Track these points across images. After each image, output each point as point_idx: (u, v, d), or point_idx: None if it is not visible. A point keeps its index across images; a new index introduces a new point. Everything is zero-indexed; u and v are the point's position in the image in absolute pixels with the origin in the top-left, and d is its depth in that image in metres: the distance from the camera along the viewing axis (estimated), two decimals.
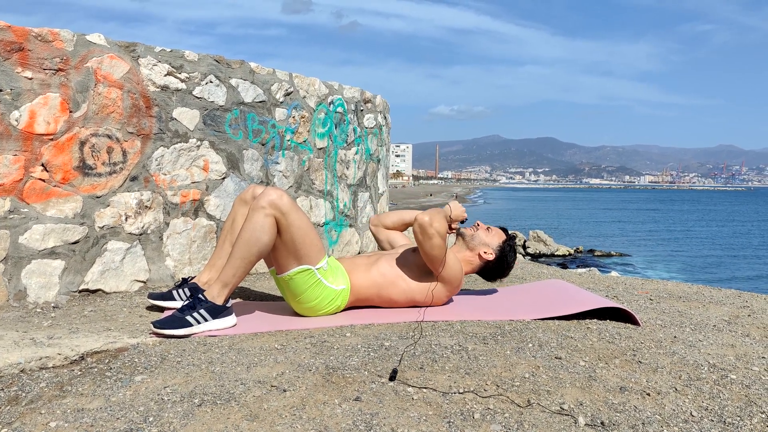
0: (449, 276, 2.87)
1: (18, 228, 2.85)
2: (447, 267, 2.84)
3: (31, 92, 2.87)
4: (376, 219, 3.37)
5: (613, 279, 4.46)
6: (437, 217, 2.77)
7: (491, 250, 3.08)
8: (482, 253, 3.07)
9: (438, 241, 2.74)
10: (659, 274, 19.35)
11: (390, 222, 3.32)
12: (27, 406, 1.70)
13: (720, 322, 2.83)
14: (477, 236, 3.11)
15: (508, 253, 3.11)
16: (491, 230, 3.15)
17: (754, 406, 1.77)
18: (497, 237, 3.12)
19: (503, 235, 3.15)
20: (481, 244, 3.09)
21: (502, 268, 3.12)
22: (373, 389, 1.83)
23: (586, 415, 1.67)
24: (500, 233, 3.15)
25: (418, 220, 2.76)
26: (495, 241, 3.10)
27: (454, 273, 2.88)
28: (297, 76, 4.22)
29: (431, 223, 2.72)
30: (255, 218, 2.54)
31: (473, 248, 3.09)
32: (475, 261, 3.10)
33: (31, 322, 2.58)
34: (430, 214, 2.77)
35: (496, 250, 3.09)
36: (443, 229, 2.77)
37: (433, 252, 2.76)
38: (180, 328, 2.42)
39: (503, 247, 3.10)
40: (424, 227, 2.73)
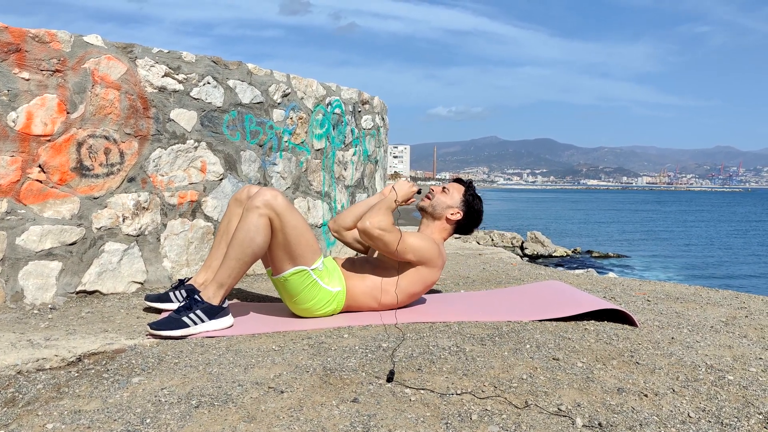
0: (423, 255, 2.84)
1: (15, 229, 2.84)
2: (414, 250, 2.80)
3: (29, 93, 2.87)
4: (334, 224, 3.17)
5: (611, 280, 4.46)
6: (376, 215, 2.74)
7: (456, 209, 3.03)
8: (449, 215, 3.02)
9: (388, 237, 2.72)
10: (656, 275, 19.37)
11: (350, 221, 3.13)
12: (24, 408, 1.70)
13: (717, 323, 2.83)
14: (437, 202, 3.04)
15: (472, 202, 3.04)
16: (447, 189, 3.08)
17: (752, 407, 1.77)
18: (457, 192, 3.06)
19: (461, 187, 3.09)
20: (445, 207, 3.03)
21: (473, 218, 3.07)
22: (371, 390, 1.83)
23: (583, 416, 1.67)
24: (458, 187, 3.09)
25: (359, 228, 2.74)
26: (456, 197, 3.04)
27: (425, 250, 2.84)
28: (295, 78, 4.22)
29: (372, 225, 2.71)
30: (249, 218, 2.53)
31: (439, 215, 3.03)
32: (446, 226, 3.05)
33: (28, 324, 2.58)
34: (369, 216, 2.74)
35: (460, 206, 3.03)
36: (387, 222, 2.74)
37: (389, 249, 2.75)
38: (176, 329, 2.42)
39: (466, 199, 3.04)
40: (367, 232, 2.72)
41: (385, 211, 2.79)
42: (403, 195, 2.93)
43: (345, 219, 3.14)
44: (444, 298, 3.36)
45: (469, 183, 3.13)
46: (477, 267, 4.83)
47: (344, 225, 3.13)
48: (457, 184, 3.12)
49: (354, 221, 3.11)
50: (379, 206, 2.81)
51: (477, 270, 4.63)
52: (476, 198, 3.07)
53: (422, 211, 3.08)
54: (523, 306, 3.01)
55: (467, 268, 4.76)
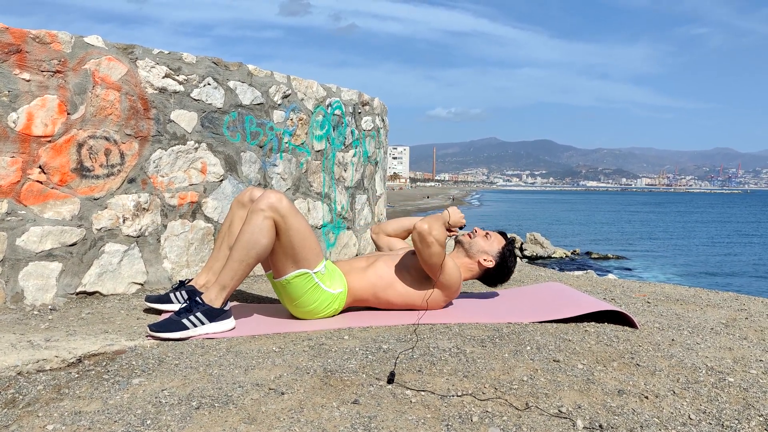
0: (448, 282, 2.86)
1: (15, 230, 2.84)
2: (445, 273, 2.82)
3: (29, 94, 2.87)
4: (377, 227, 3.35)
5: (611, 282, 4.46)
6: (436, 225, 2.76)
7: (491, 257, 3.06)
8: (482, 260, 3.06)
9: (437, 249, 2.73)
10: (656, 276, 19.37)
11: (391, 229, 3.29)
12: (24, 409, 1.69)
13: (717, 325, 2.83)
14: (475, 243, 3.08)
15: (508, 258, 3.09)
16: (490, 236, 3.12)
17: (752, 409, 1.77)
18: (496, 243, 3.10)
19: (502, 240, 3.13)
20: (480, 251, 3.07)
21: (502, 274, 3.11)
22: (372, 392, 1.83)
23: (584, 418, 1.67)
24: (499, 238, 3.13)
25: (416, 228, 2.75)
26: (494, 247, 3.08)
27: (452, 279, 2.87)
28: (295, 79, 4.22)
29: (430, 231, 2.71)
30: (254, 221, 2.53)
31: (472, 255, 3.07)
32: (474, 268, 3.08)
33: (28, 325, 2.58)
34: (428, 222, 2.75)
35: (495, 256, 3.07)
36: (442, 236, 2.76)
37: (432, 260, 2.75)
38: (176, 332, 2.41)
39: (503, 252, 3.08)
40: (423, 235, 2.72)
41: (442, 225, 2.82)
42: (454, 221, 2.94)
43: (389, 225, 3.33)
44: None
45: (511, 240, 3.18)
46: None
47: (386, 231, 3.31)
48: (500, 235, 3.16)
49: (395, 230, 3.30)
50: (438, 219, 2.84)
51: None
52: (513, 255, 3.13)
53: (458, 244, 3.13)
54: (523, 307, 3.01)
55: None
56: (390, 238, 3.30)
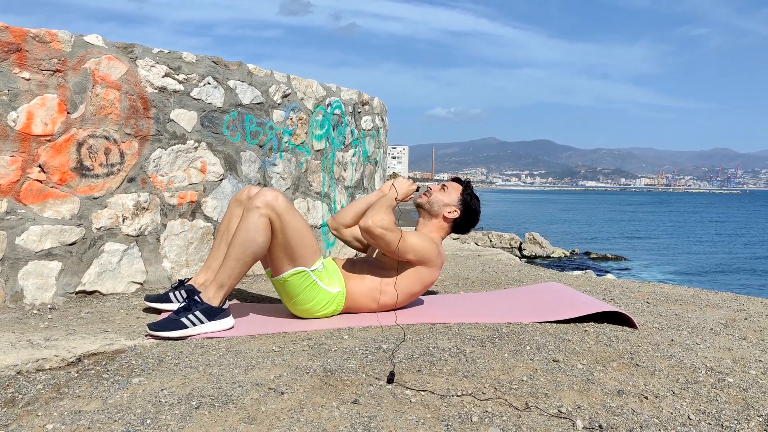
0: (422, 254, 2.83)
1: (15, 229, 2.84)
2: (414, 249, 2.80)
3: (29, 93, 2.87)
4: (333, 222, 3.16)
5: (610, 282, 4.46)
6: (378, 213, 2.74)
7: (453, 207, 3.02)
8: (446, 213, 3.01)
9: (389, 236, 2.71)
10: (655, 276, 19.38)
11: (349, 219, 3.13)
12: (24, 408, 1.69)
13: (717, 325, 2.84)
14: (434, 200, 3.03)
15: (470, 201, 3.04)
16: (445, 187, 3.07)
17: (752, 410, 1.77)
18: (454, 191, 3.05)
19: (459, 186, 3.08)
20: (442, 206, 3.01)
21: (470, 218, 3.06)
22: (371, 392, 1.83)
23: (584, 418, 1.67)
24: (455, 186, 3.08)
25: (361, 227, 2.74)
26: (454, 195, 3.03)
27: (424, 250, 2.84)
28: (295, 78, 4.22)
29: (374, 224, 2.70)
30: (250, 219, 2.53)
31: (436, 213, 3.02)
32: (443, 224, 3.04)
33: (27, 324, 2.58)
34: (370, 214, 2.73)
35: (458, 204, 3.02)
36: (388, 220, 2.74)
37: (390, 248, 2.74)
38: (175, 330, 2.41)
39: (463, 198, 3.03)
40: (369, 231, 2.71)
41: (387, 209, 2.79)
42: (403, 192, 2.93)
43: (344, 216, 3.13)
44: (444, 299, 3.36)
45: (467, 182, 3.13)
46: (476, 268, 4.83)
47: (343, 222, 3.13)
48: (455, 183, 3.11)
49: (353, 219, 3.11)
50: (380, 204, 2.81)
51: (476, 271, 4.63)
52: (474, 197, 3.07)
53: (420, 209, 3.07)
54: (522, 307, 3.01)
55: (466, 269, 4.77)
56: (352, 229, 3.16)
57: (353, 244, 3.18)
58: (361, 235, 2.88)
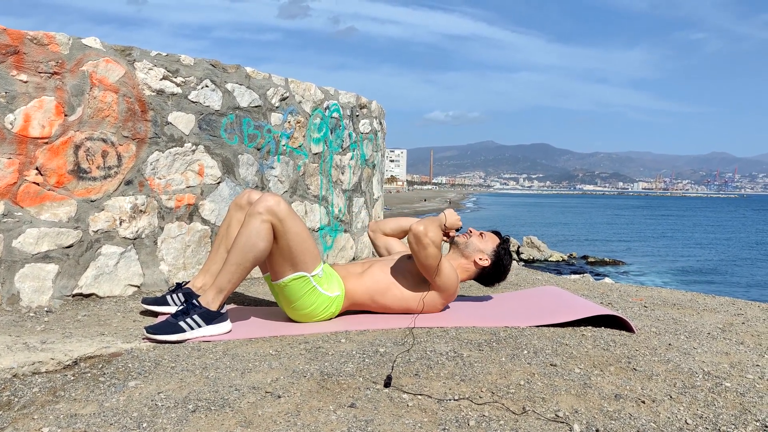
0: (444, 284, 2.86)
1: (12, 232, 2.83)
2: (442, 275, 2.82)
3: (26, 95, 2.86)
4: (375, 225, 3.35)
5: (608, 286, 4.46)
6: (432, 227, 2.76)
7: (486, 256, 3.06)
8: (477, 259, 3.06)
9: (433, 250, 2.73)
10: (652, 280, 19.39)
11: (389, 229, 3.30)
12: (19, 412, 1.69)
13: (714, 329, 2.84)
14: (471, 243, 3.08)
15: (503, 256, 3.09)
16: (484, 235, 3.13)
17: (749, 414, 1.77)
18: (491, 242, 3.10)
19: (497, 239, 3.13)
20: (476, 250, 3.07)
21: (498, 272, 3.11)
22: (368, 396, 1.83)
23: (581, 423, 1.66)
24: (494, 238, 3.13)
25: (412, 229, 2.75)
26: (489, 246, 3.09)
27: (449, 281, 2.87)
28: (293, 81, 4.22)
29: (426, 232, 2.71)
30: (252, 224, 2.53)
31: (468, 255, 3.07)
32: (471, 268, 3.08)
33: (24, 327, 2.57)
34: (424, 224, 2.75)
35: (491, 255, 3.07)
36: (438, 238, 2.76)
37: (428, 261, 2.75)
38: (172, 334, 2.41)
39: (498, 251, 3.08)
40: (418, 237, 2.72)
41: (438, 227, 2.82)
42: (451, 223, 2.95)
43: (386, 225, 3.35)
44: None
45: (506, 239, 3.18)
46: None
47: (383, 230, 3.33)
48: (494, 235, 3.17)
49: (393, 229, 3.32)
50: (434, 221, 2.84)
51: None
52: (508, 254, 3.13)
53: (454, 246, 3.12)
54: (520, 311, 3.01)
55: None
56: (387, 238, 3.32)
57: (380, 252, 3.32)
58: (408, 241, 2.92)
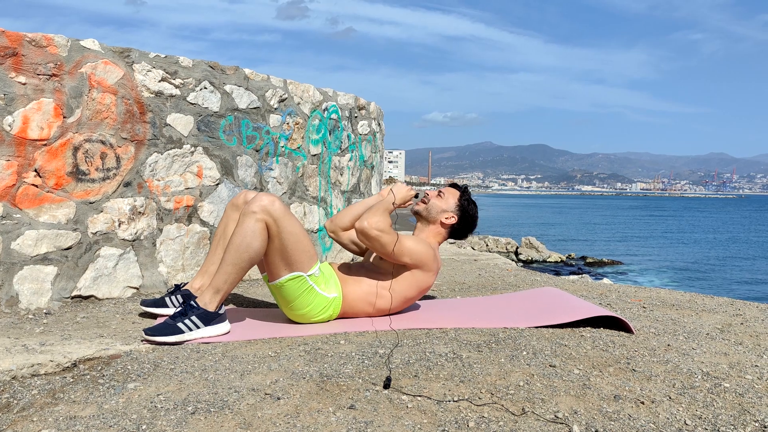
0: (417, 259, 2.83)
1: (10, 234, 2.83)
2: (410, 253, 2.80)
3: (25, 97, 2.86)
4: (330, 224, 3.18)
5: (606, 286, 4.47)
6: (374, 216, 2.73)
7: (451, 213, 3.02)
8: (444, 219, 3.01)
9: (384, 238, 2.71)
10: (651, 281, 19.41)
11: (347, 222, 3.15)
12: (19, 414, 1.69)
13: (713, 330, 2.84)
14: (432, 206, 3.03)
15: (467, 207, 3.04)
16: (443, 193, 3.07)
17: (748, 415, 1.77)
18: (452, 197, 3.05)
19: (456, 192, 3.08)
20: (439, 211, 3.02)
21: (468, 224, 3.07)
22: (368, 397, 1.83)
23: (580, 424, 1.67)
24: (453, 192, 3.08)
25: (357, 228, 2.74)
26: (451, 201, 3.04)
27: (419, 253, 2.83)
28: (291, 83, 4.22)
29: (370, 225, 2.70)
30: (246, 224, 2.53)
31: (434, 220, 3.02)
32: (440, 230, 3.04)
33: (23, 329, 2.57)
34: (366, 217, 2.73)
35: (455, 211, 3.03)
36: (385, 223, 2.74)
37: (385, 250, 2.74)
38: (171, 335, 2.41)
39: (461, 204, 3.04)
40: (364, 233, 2.71)
41: (383, 212, 2.79)
42: (401, 198, 2.93)
43: (342, 219, 3.15)
44: (440, 304, 3.35)
45: (464, 188, 3.13)
46: (473, 273, 4.83)
47: (341, 225, 3.14)
48: (453, 188, 3.11)
49: (351, 222, 3.12)
50: (377, 207, 2.80)
51: (473, 276, 4.63)
52: (471, 203, 3.08)
53: (417, 215, 3.07)
54: (519, 312, 3.01)
55: (463, 274, 4.77)
56: (350, 232, 3.17)
57: (350, 248, 3.18)
58: (358, 239, 2.87)
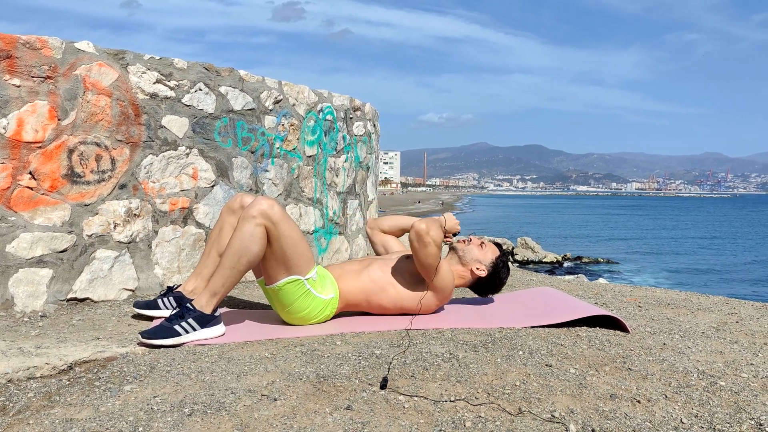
0: (441, 285, 2.86)
1: (5, 236, 2.82)
2: (440, 276, 2.83)
3: (19, 100, 2.85)
4: (373, 222, 3.34)
5: (602, 286, 4.48)
6: (434, 226, 2.76)
7: (484, 267, 3.07)
8: (475, 269, 3.07)
9: (433, 249, 2.73)
10: (646, 280, 19.45)
11: (387, 226, 3.28)
12: (14, 417, 1.68)
13: (708, 329, 2.85)
14: (470, 251, 3.10)
15: (500, 269, 3.10)
16: (484, 246, 3.13)
17: (744, 413, 1.78)
18: (490, 253, 3.11)
19: (497, 251, 3.14)
20: (474, 259, 3.08)
21: (494, 284, 3.12)
22: (364, 398, 1.83)
23: (577, 423, 1.67)
24: (494, 249, 3.14)
25: (415, 227, 2.75)
26: (488, 257, 3.09)
27: (445, 282, 2.88)
28: (286, 84, 4.22)
29: (428, 231, 2.71)
30: (245, 228, 2.52)
31: (466, 263, 3.09)
32: (467, 276, 3.09)
33: (18, 332, 2.56)
34: (426, 223, 2.76)
35: (488, 266, 3.08)
36: (439, 238, 2.76)
37: (427, 260, 2.75)
38: (168, 338, 2.40)
39: (496, 263, 3.09)
40: (420, 235, 2.72)
41: (439, 227, 2.81)
42: (450, 227, 2.94)
43: (384, 222, 3.31)
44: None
45: (505, 252, 3.20)
46: None
47: (381, 227, 3.30)
48: (495, 246, 3.18)
49: (390, 228, 3.29)
50: (435, 221, 2.83)
51: None
52: (506, 267, 3.15)
53: (453, 251, 3.14)
54: (515, 312, 3.01)
55: None
56: (384, 236, 3.30)
57: (377, 248, 3.30)
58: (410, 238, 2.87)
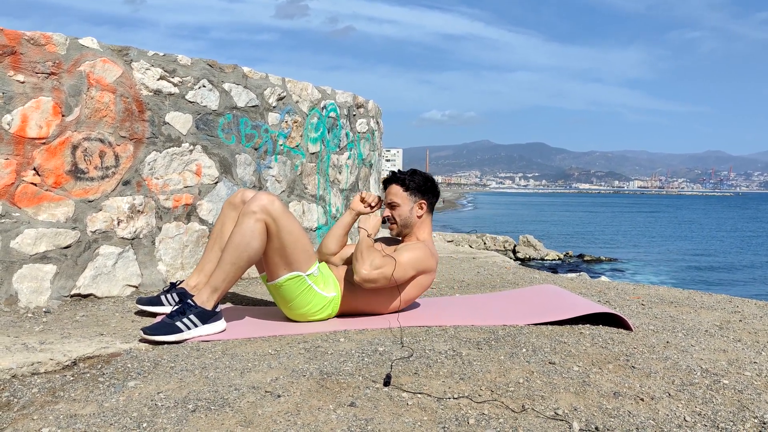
0: (422, 265, 2.83)
1: (9, 232, 2.83)
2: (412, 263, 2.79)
3: (24, 96, 2.86)
4: (319, 255, 3.08)
5: (605, 284, 4.47)
6: (366, 259, 2.71)
7: (415, 205, 2.96)
8: (417, 216, 2.97)
9: (387, 271, 2.71)
10: (648, 278, 19.42)
11: (333, 246, 3.09)
12: (19, 412, 1.69)
13: (712, 327, 2.85)
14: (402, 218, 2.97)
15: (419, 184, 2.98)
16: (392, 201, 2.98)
17: (747, 411, 1.78)
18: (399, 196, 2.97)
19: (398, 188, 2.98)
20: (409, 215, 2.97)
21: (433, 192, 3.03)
22: (368, 395, 1.83)
23: (580, 420, 1.67)
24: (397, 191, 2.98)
25: (361, 281, 2.70)
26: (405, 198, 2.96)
27: (421, 259, 2.83)
28: (290, 81, 4.22)
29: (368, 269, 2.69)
30: (245, 223, 2.53)
31: (411, 224, 2.98)
32: (422, 222, 2.99)
33: (22, 327, 2.56)
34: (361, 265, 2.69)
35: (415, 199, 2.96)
36: (377, 260, 2.73)
37: (391, 282, 2.75)
38: (170, 334, 2.41)
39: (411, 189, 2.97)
40: (368, 280, 2.70)
41: (368, 250, 2.76)
42: (373, 227, 2.89)
43: (328, 246, 3.09)
44: (439, 302, 3.36)
45: (395, 177, 3.03)
46: (471, 271, 4.83)
47: (328, 252, 3.08)
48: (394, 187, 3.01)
49: (337, 245, 3.08)
50: (361, 251, 2.75)
51: (471, 274, 4.64)
52: (413, 177, 3.00)
53: (401, 236, 3.04)
54: (518, 310, 3.01)
55: (462, 272, 4.77)
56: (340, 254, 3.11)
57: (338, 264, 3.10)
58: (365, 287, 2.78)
